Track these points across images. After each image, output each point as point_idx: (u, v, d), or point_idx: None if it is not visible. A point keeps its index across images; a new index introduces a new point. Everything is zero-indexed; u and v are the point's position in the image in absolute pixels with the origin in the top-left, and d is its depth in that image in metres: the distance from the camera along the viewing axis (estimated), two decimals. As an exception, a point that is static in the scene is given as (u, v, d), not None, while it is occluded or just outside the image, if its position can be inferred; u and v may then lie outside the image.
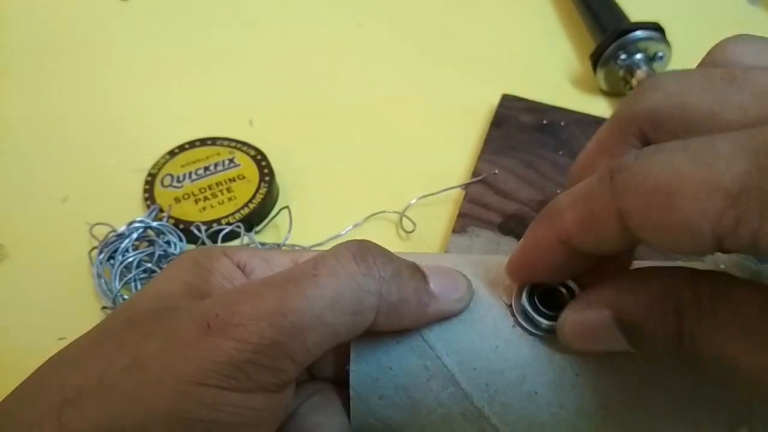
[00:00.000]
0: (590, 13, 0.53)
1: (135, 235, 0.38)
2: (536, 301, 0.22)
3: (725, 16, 0.58)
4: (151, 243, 0.38)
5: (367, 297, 0.20)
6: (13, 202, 0.43)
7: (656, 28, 0.47)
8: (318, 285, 0.20)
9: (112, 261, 0.37)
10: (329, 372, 0.25)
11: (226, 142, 0.44)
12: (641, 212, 0.17)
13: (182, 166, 0.43)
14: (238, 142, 0.44)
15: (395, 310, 0.21)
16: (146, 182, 0.42)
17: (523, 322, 0.22)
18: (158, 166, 0.43)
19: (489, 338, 0.22)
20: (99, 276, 0.37)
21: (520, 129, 0.45)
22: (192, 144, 0.44)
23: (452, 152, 0.46)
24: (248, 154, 0.44)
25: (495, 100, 0.47)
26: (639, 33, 0.47)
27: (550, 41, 0.56)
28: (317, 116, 0.49)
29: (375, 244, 0.22)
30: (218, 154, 0.44)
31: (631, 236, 0.18)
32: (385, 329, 0.22)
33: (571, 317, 0.21)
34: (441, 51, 0.55)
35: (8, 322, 0.36)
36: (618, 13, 0.51)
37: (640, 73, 0.47)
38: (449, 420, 0.22)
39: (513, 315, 0.22)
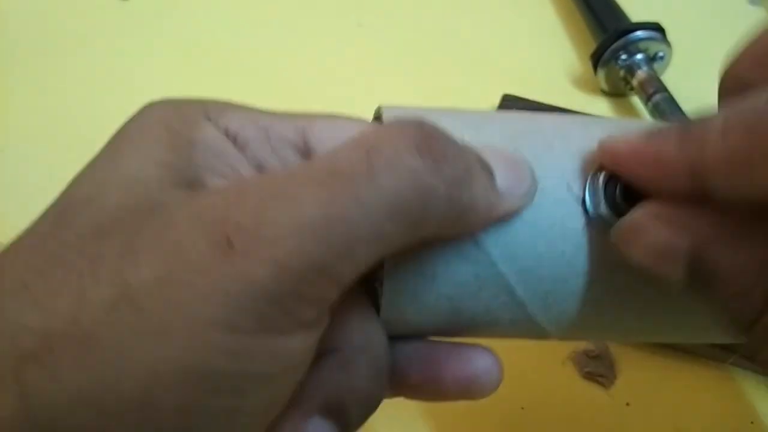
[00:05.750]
0: (591, 13, 0.53)
1: (135, 234, 0.37)
2: (617, 194, 0.18)
3: (725, 16, 0.58)
4: (151, 242, 0.38)
5: (434, 202, 0.16)
6: (13, 201, 0.43)
7: (657, 28, 0.47)
8: (374, 184, 0.15)
9: (112, 260, 0.37)
10: None
11: (226, 142, 0.44)
12: None
13: (182, 165, 0.43)
14: (238, 141, 0.44)
15: (461, 217, 0.17)
16: (146, 181, 0.42)
17: (596, 221, 0.18)
18: (158, 165, 0.43)
19: (556, 242, 0.18)
20: (99, 275, 0.37)
21: (521, 129, 0.45)
22: (192, 143, 0.44)
23: (453, 152, 0.45)
24: (248, 153, 0.43)
25: (495, 100, 0.47)
26: (640, 33, 0.47)
27: (550, 41, 0.56)
28: (317, 116, 0.49)
29: (437, 128, 0.17)
30: (218, 153, 0.43)
31: None
32: (440, 237, 0.17)
33: (637, 224, 0.17)
34: (441, 51, 0.55)
35: (8, 321, 0.36)
36: (618, 13, 0.51)
37: (641, 74, 0.47)
38: (494, 325, 0.19)
39: (585, 212, 0.19)
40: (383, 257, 0.16)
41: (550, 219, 0.18)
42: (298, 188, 0.15)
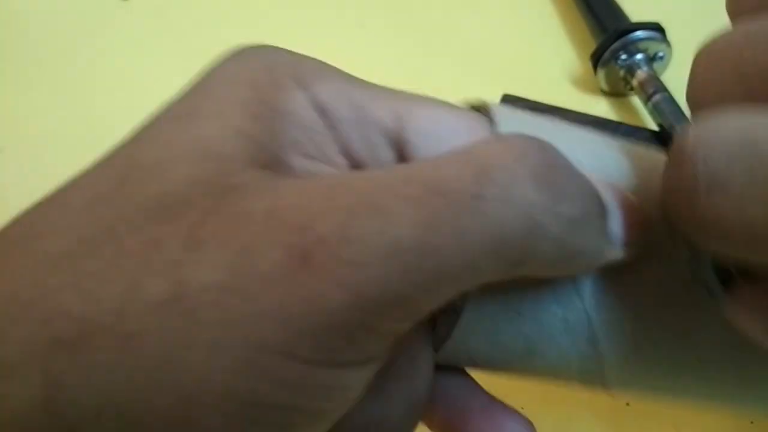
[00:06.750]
0: (591, 13, 0.53)
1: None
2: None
3: (725, 16, 0.57)
4: (152, 242, 0.38)
5: (542, 244, 0.13)
6: (13, 201, 0.43)
7: (657, 28, 0.47)
8: (481, 215, 0.13)
9: (112, 260, 0.37)
10: None
11: (226, 142, 0.44)
12: None
13: (182, 165, 0.43)
14: (238, 141, 0.44)
15: (567, 262, 0.14)
16: (146, 181, 0.42)
17: (699, 284, 0.17)
18: (158, 165, 0.43)
19: (658, 297, 0.17)
20: (99, 275, 0.37)
21: (521, 129, 0.45)
22: (192, 143, 0.44)
23: (453, 152, 0.45)
24: (248, 153, 0.43)
25: (495, 100, 0.47)
26: (640, 33, 0.47)
27: (550, 41, 0.56)
28: (317, 116, 0.49)
29: (560, 154, 0.14)
30: (218, 153, 0.43)
31: None
32: (538, 277, 0.15)
33: (747, 302, 0.15)
34: (442, 51, 0.55)
35: (8, 321, 0.36)
36: (618, 13, 0.51)
37: (641, 74, 0.47)
38: (559, 371, 0.18)
39: (690, 271, 0.17)
40: (470, 289, 0.14)
41: (655, 274, 0.17)
42: (393, 202, 0.12)
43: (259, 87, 0.15)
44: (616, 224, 0.15)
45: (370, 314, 0.12)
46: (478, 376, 0.20)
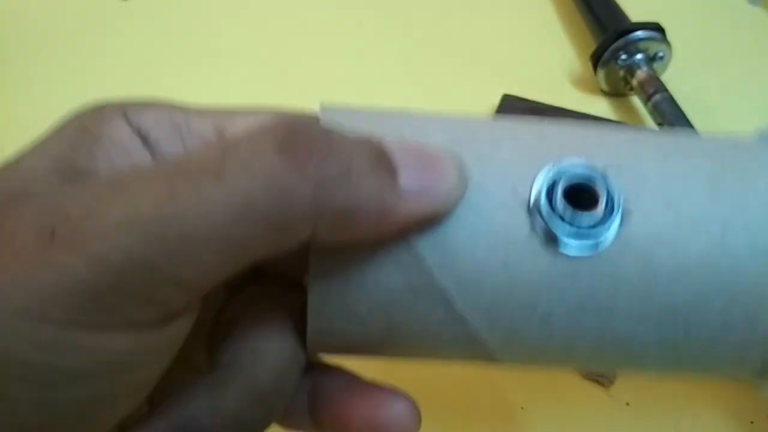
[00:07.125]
0: (591, 13, 0.53)
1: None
2: (560, 198, 0.16)
3: (725, 16, 0.58)
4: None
5: (295, 204, 0.14)
6: (13, 202, 0.43)
7: (657, 28, 0.47)
8: (221, 184, 0.14)
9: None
10: (272, 269, 0.20)
11: (226, 142, 0.44)
12: None
13: (182, 165, 0.43)
14: (238, 141, 0.44)
15: (344, 219, 0.15)
16: (146, 181, 0.42)
17: (545, 228, 0.16)
18: (158, 165, 0.43)
19: (497, 250, 0.17)
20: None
21: (521, 129, 0.45)
22: (192, 143, 0.44)
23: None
24: (248, 153, 0.43)
25: (495, 100, 0.47)
26: (640, 33, 0.47)
27: (550, 41, 0.56)
28: (317, 116, 0.49)
29: (316, 124, 0.16)
30: (218, 153, 0.43)
31: None
32: (336, 242, 0.16)
33: None
34: (441, 51, 0.55)
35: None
36: (618, 13, 0.51)
37: (641, 74, 0.47)
38: (435, 345, 0.18)
39: (531, 216, 0.17)
40: (249, 261, 0.15)
41: (492, 224, 0.17)
42: (140, 183, 0.14)
43: (85, 122, 0.18)
44: (409, 176, 0.16)
45: (117, 280, 0.14)
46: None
